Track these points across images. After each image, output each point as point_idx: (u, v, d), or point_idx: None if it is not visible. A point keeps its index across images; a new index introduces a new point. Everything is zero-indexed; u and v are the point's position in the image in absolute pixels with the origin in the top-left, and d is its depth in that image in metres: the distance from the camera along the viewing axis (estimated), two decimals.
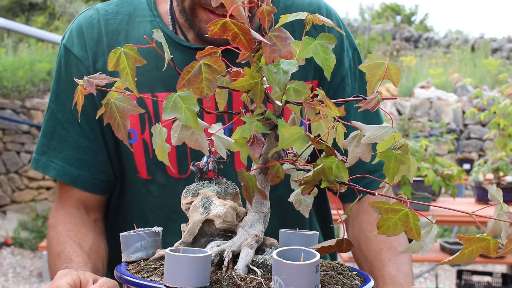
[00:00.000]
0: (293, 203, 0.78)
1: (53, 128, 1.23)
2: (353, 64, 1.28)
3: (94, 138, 1.22)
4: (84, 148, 1.22)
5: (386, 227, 0.62)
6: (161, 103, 1.17)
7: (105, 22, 1.22)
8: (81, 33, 1.22)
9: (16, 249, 6.14)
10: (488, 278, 3.80)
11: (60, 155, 1.22)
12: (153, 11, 1.22)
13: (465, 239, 0.61)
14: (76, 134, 1.21)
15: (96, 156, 1.23)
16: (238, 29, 0.59)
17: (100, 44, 1.21)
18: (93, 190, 1.24)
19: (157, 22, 1.21)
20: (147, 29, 1.20)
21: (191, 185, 0.81)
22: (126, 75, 0.63)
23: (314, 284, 0.60)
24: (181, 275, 0.60)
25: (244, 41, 0.59)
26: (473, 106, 7.21)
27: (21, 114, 7.00)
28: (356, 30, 14.66)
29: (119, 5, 1.24)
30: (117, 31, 1.21)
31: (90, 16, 1.24)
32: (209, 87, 0.58)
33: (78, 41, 1.22)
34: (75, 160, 1.22)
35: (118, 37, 1.21)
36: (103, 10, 1.24)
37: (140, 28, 1.21)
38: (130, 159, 1.22)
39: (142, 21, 1.21)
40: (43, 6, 12.71)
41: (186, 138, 0.64)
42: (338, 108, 0.68)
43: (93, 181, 1.23)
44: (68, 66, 1.22)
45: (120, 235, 0.80)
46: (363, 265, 1.21)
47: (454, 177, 3.14)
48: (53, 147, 1.22)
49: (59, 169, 1.22)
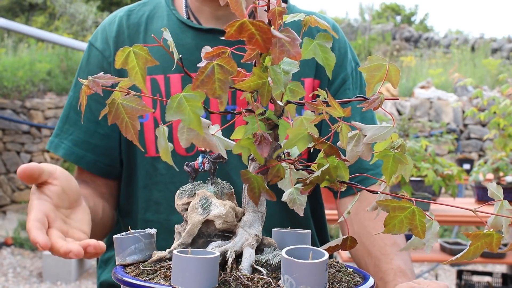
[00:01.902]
0: (287, 202, 0.78)
1: (67, 113, 1.34)
2: (355, 75, 1.38)
3: (104, 124, 1.31)
4: (92, 132, 1.32)
5: (392, 225, 0.63)
6: (173, 83, 1.27)
7: (127, 17, 1.36)
8: (104, 29, 1.36)
9: (16, 249, 6.14)
10: (488, 278, 3.81)
11: (70, 137, 1.32)
12: (169, 6, 1.35)
13: (471, 236, 0.61)
14: (87, 119, 1.31)
15: (102, 141, 1.32)
16: (255, 29, 0.59)
17: (121, 35, 1.33)
18: (95, 171, 1.33)
19: (173, 14, 1.33)
20: (164, 22, 1.33)
21: (186, 186, 0.79)
22: (136, 75, 0.63)
23: (323, 282, 0.60)
24: (191, 277, 0.60)
25: (260, 41, 0.59)
26: (473, 106, 7.22)
27: (21, 114, 7.00)
28: (356, 30, 14.67)
29: (141, 4, 1.39)
30: (138, 24, 1.34)
31: (114, 15, 1.39)
32: (221, 88, 0.57)
33: (100, 36, 1.35)
34: (82, 142, 1.31)
35: (138, 28, 1.34)
36: (126, 8, 1.39)
37: (158, 22, 1.34)
38: (140, 138, 1.28)
39: (160, 16, 1.35)
40: (43, 6, 12.70)
41: (193, 138, 0.64)
42: (343, 109, 0.68)
43: (96, 163, 1.32)
44: (89, 58, 1.35)
45: (114, 238, 0.79)
46: (366, 260, 1.23)
47: (454, 177, 3.14)
48: (65, 129, 1.33)
49: (67, 149, 1.32)
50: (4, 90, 7.00)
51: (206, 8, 1.32)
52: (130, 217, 1.36)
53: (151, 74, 1.27)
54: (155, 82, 1.28)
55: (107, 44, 1.33)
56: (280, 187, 0.78)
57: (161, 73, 1.28)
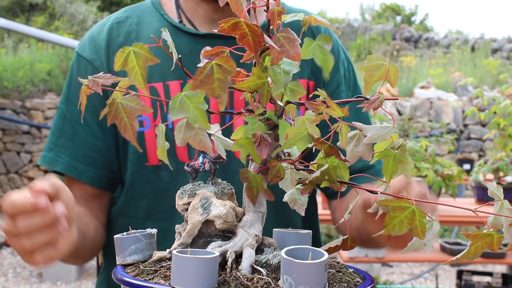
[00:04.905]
0: (288, 203, 0.78)
1: (61, 126, 1.29)
2: (348, 75, 1.38)
3: (102, 136, 1.27)
4: (91, 145, 1.27)
5: (392, 226, 0.63)
6: (172, 90, 1.24)
7: (116, 25, 1.31)
8: (92, 39, 1.31)
9: None
10: (488, 278, 3.80)
11: (68, 151, 1.27)
12: (160, 11, 1.31)
13: (471, 236, 0.61)
14: (84, 133, 1.27)
15: (102, 153, 1.28)
16: (249, 30, 0.59)
17: (111, 44, 1.28)
18: (98, 185, 1.29)
19: (165, 19, 1.29)
20: (155, 27, 1.29)
21: (187, 186, 0.79)
22: (135, 75, 0.62)
23: (323, 282, 0.60)
24: (190, 277, 0.60)
25: (251, 42, 0.59)
26: (473, 106, 7.21)
27: (21, 114, 7.00)
28: (356, 30, 14.67)
29: (128, 11, 1.34)
30: (128, 32, 1.30)
31: (101, 24, 1.34)
32: (221, 87, 0.57)
33: (88, 46, 1.30)
34: (82, 156, 1.27)
35: (129, 36, 1.29)
36: (113, 16, 1.34)
37: (149, 28, 1.29)
38: (141, 147, 1.26)
39: (151, 21, 1.30)
40: (43, 6, 12.71)
41: (190, 138, 0.64)
42: (341, 109, 0.68)
43: (99, 176, 1.28)
44: (79, 69, 1.30)
45: (114, 238, 0.78)
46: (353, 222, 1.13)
47: (454, 177, 3.14)
48: (60, 143, 1.28)
49: (67, 164, 1.27)
50: (4, 90, 7.01)
51: (202, 10, 1.29)
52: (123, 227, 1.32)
53: (150, 82, 1.24)
54: (154, 90, 1.25)
55: (96, 54, 1.28)
56: (281, 187, 0.78)
57: (160, 81, 1.24)
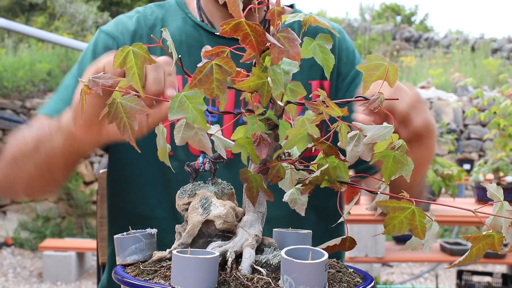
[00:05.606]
0: (288, 202, 0.78)
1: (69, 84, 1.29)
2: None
3: None
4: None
5: (392, 226, 0.62)
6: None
7: (144, 17, 1.38)
8: (121, 21, 1.37)
9: (16, 249, 6.14)
10: (488, 278, 3.80)
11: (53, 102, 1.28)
12: (184, 10, 1.38)
13: (471, 238, 0.61)
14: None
15: None
16: (250, 30, 0.59)
17: (139, 31, 1.34)
18: None
19: (189, 17, 1.36)
20: (179, 24, 1.36)
21: (187, 186, 0.79)
22: (133, 75, 0.62)
23: (323, 282, 0.60)
24: (190, 277, 0.60)
25: (254, 42, 0.59)
26: (473, 106, 7.21)
27: (21, 114, 6.99)
28: (356, 30, 14.66)
29: (153, 8, 1.41)
30: (154, 25, 1.36)
31: (129, 15, 1.40)
32: (219, 87, 0.57)
33: (115, 26, 1.36)
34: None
35: (155, 28, 1.36)
36: (141, 9, 1.41)
37: (173, 24, 1.36)
38: None
39: (174, 19, 1.37)
40: (43, 6, 12.70)
41: (189, 138, 0.64)
42: (341, 109, 0.68)
43: None
44: (96, 41, 1.35)
45: (114, 238, 0.78)
46: None
47: (454, 177, 3.14)
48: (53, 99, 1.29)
49: (50, 107, 1.27)
50: (4, 90, 7.00)
51: (219, 13, 1.36)
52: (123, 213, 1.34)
53: None
54: None
55: (122, 34, 1.33)
56: (281, 187, 0.78)
57: (180, 74, 1.27)
